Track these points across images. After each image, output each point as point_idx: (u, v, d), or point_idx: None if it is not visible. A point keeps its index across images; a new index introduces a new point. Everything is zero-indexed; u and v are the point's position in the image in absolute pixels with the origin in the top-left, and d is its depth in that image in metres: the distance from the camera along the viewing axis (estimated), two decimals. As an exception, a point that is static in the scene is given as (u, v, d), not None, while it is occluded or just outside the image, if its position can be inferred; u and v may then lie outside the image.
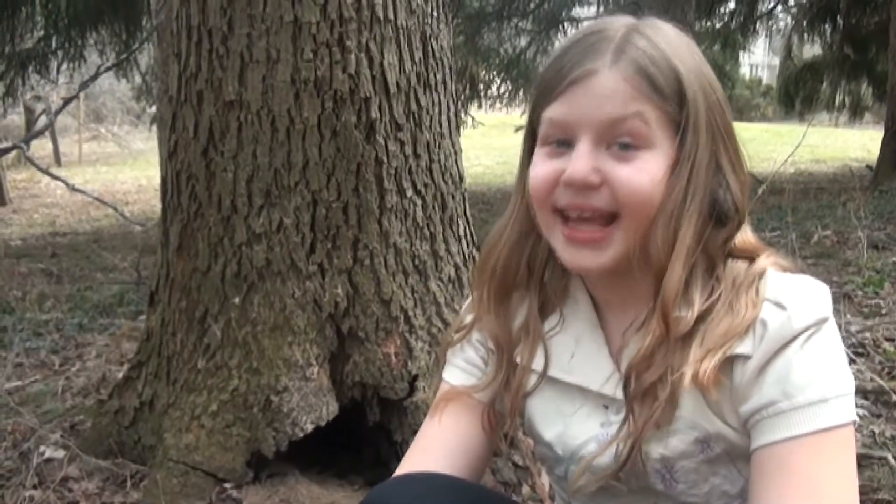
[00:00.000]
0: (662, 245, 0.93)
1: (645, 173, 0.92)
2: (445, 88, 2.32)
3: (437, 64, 2.28)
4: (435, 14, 2.28)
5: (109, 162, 17.23)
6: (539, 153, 1.00)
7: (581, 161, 0.92)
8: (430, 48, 2.25)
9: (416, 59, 2.21)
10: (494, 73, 8.11)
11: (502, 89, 8.23)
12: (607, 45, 0.94)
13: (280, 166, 2.11)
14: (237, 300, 2.15)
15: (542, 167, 0.98)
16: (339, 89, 2.10)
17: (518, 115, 8.79)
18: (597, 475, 1.00)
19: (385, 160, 2.15)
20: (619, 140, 0.92)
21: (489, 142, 15.86)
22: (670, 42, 0.96)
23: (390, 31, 2.15)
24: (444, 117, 2.31)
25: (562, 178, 0.94)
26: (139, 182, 12.81)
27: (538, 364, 1.07)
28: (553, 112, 0.96)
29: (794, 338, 0.88)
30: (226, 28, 2.12)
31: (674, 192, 0.93)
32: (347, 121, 2.11)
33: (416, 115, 2.21)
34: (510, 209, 1.10)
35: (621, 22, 0.98)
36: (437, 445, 1.11)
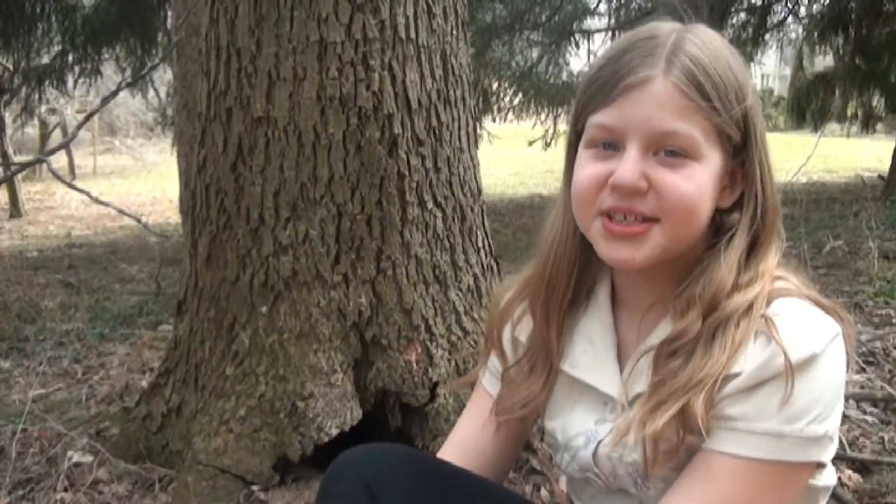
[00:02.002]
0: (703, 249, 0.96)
1: (692, 182, 0.92)
2: (464, 104, 2.40)
3: (456, 81, 2.36)
4: (454, 33, 2.36)
5: (124, 174, 17.40)
6: (585, 154, 0.99)
7: (630, 165, 0.92)
8: (450, 66, 2.33)
9: (437, 77, 2.29)
10: (506, 85, 8.19)
11: (515, 101, 8.30)
12: (661, 52, 0.93)
13: (306, 180, 2.19)
14: (264, 309, 2.23)
15: (589, 169, 0.97)
16: (364, 106, 2.18)
17: (530, 127, 8.86)
18: (581, 468, 1.06)
19: (407, 174, 2.22)
20: (667, 147, 0.93)
21: (500, 153, 15.92)
22: (719, 49, 0.96)
23: (412, 50, 2.23)
24: (463, 132, 2.38)
25: (610, 181, 0.94)
26: (153, 194, 12.94)
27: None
28: (604, 117, 0.95)
29: (786, 368, 0.87)
30: (254, 47, 2.21)
31: (727, 201, 0.96)
32: (371, 136, 2.18)
33: (437, 131, 2.28)
34: (560, 211, 1.09)
35: (671, 27, 0.97)
36: (470, 445, 1.18)
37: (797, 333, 0.89)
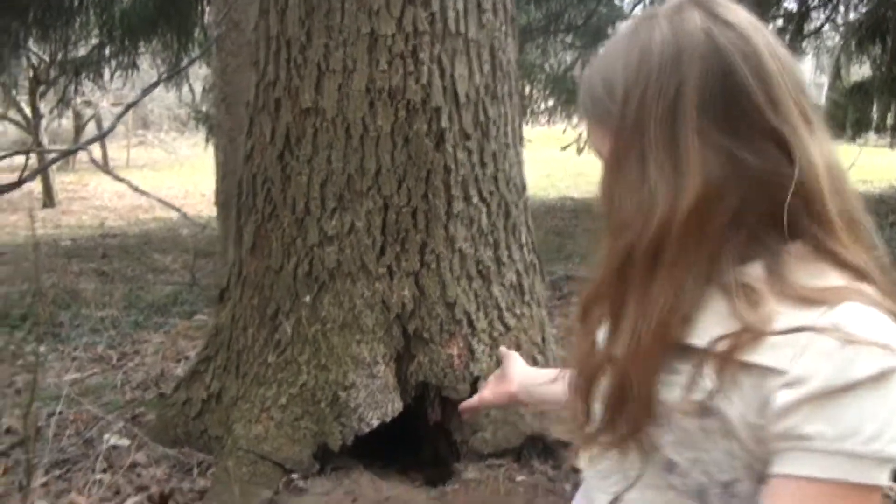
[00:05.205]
0: None
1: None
2: (511, 100, 2.40)
3: (504, 76, 2.36)
4: (503, 28, 2.36)
5: (156, 167, 17.60)
6: None
7: None
8: (498, 61, 2.33)
9: (485, 71, 2.29)
10: (540, 88, 8.15)
11: (549, 103, 8.26)
12: None
13: (353, 171, 2.20)
14: (308, 299, 2.24)
15: None
16: (412, 99, 2.18)
17: (561, 131, 8.84)
18: None
19: (453, 168, 2.23)
20: None
21: (531, 155, 15.88)
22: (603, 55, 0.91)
23: (461, 44, 2.23)
24: (509, 128, 2.38)
25: None
26: (186, 188, 13.09)
27: None
28: None
29: (866, 380, 0.75)
30: (304, 38, 2.22)
31: None
32: (419, 129, 2.19)
33: (484, 126, 2.28)
34: None
35: None
36: None
37: (875, 341, 0.78)
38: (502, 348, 1.56)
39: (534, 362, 2.28)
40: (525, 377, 1.35)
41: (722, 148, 0.78)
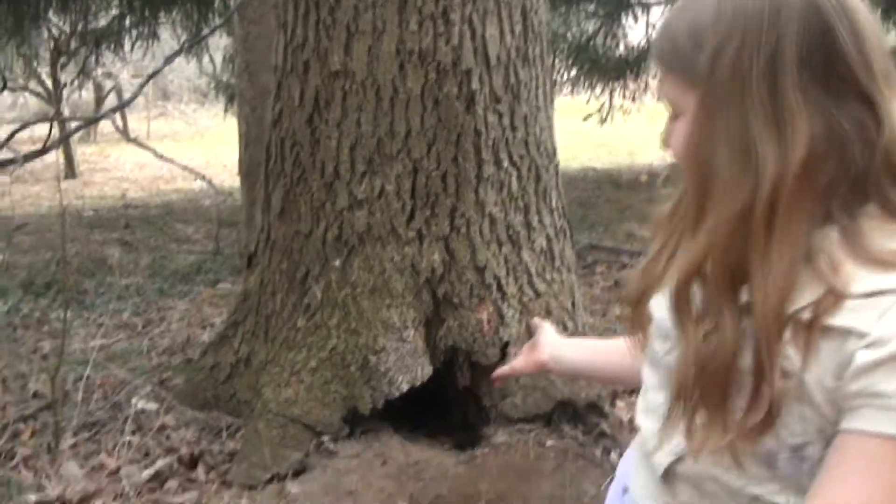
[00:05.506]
0: None
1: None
2: (543, 63, 2.36)
3: (535, 37, 2.32)
4: (534, -11, 2.32)
5: (177, 138, 17.61)
6: None
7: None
8: (529, 22, 2.29)
9: (517, 33, 2.26)
10: (562, 58, 8.04)
11: (572, 73, 8.15)
12: None
13: (383, 135, 2.18)
14: (338, 263, 2.23)
15: None
16: (442, 61, 2.16)
17: (584, 101, 8.72)
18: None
19: (484, 131, 2.20)
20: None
21: (555, 125, 15.77)
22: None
23: (492, 5, 2.20)
24: (540, 91, 2.35)
25: None
26: (206, 158, 13.08)
27: None
28: None
29: None
30: (333, 0, 2.19)
31: None
32: (449, 91, 2.16)
33: (515, 88, 2.25)
34: None
35: None
36: None
37: None
38: (535, 318, 1.57)
39: (563, 328, 2.26)
40: (556, 347, 1.35)
41: (822, 107, 0.76)
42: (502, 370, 1.49)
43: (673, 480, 0.95)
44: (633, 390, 2.42)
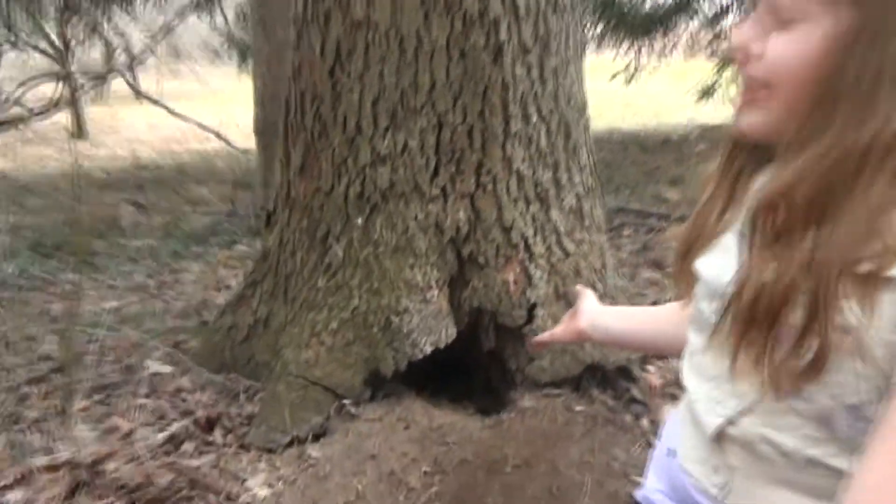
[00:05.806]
0: None
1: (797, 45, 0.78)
2: (573, 13, 2.25)
3: (566, -14, 2.21)
4: (566, -66, 2.20)
5: (189, 97, 17.44)
6: None
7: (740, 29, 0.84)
8: (560, -31, 2.18)
9: (547, -20, 2.15)
10: (587, 13, 7.80)
11: (597, 29, 7.92)
12: None
13: (407, 87, 2.08)
14: (360, 221, 2.16)
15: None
16: (469, 10, 2.05)
17: (610, 59, 8.51)
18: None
19: (511, 84, 2.10)
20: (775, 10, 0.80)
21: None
22: None
23: (521, -49, 2.09)
24: (570, 42, 2.24)
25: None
26: (219, 118, 12.96)
27: None
28: None
29: None
30: (355, -55, 2.09)
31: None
32: (476, 42, 2.06)
33: (545, 39, 2.15)
34: None
35: None
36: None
37: None
38: (578, 286, 1.53)
39: (592, 290, 2.18)
40: (596, 315, 1.33)
41: None
42: (541, 337, 1.46)
43: (724, 443, 0.91)
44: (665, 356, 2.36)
